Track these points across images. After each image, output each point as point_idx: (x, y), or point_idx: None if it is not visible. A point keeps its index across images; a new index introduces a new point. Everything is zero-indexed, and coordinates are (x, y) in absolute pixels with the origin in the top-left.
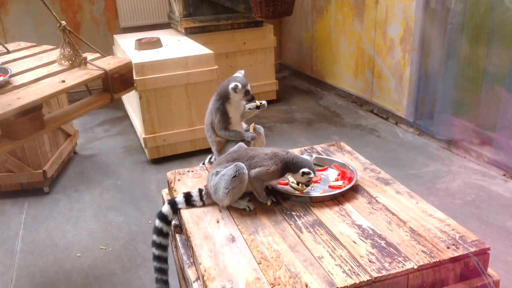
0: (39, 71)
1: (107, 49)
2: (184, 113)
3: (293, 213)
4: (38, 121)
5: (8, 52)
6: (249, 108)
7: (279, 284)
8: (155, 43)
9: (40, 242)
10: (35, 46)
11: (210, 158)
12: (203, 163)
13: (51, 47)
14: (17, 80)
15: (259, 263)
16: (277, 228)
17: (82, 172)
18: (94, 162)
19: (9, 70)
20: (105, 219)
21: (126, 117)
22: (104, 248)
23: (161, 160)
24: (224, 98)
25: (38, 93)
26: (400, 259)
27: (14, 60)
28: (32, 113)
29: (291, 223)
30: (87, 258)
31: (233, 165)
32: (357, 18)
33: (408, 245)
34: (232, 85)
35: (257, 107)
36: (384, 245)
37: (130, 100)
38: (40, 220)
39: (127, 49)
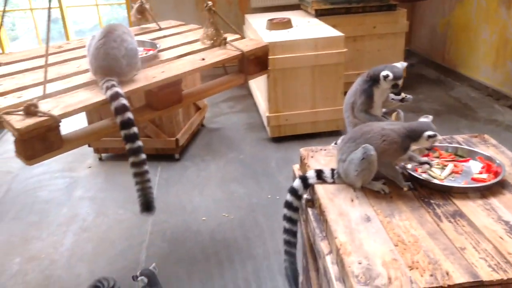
0: (183, 48)
1: (238, 28)
2: (308, 94)
3: (432, 201)
4: (177, 94)
5: (160, 29)
6: (393, 99)
7: (417, 268)
8: (286, 24)
9: (171, 203)
10: (183, 24)
11: (342, 139)
12: (335, 143)
13: (196, 26)
14: (164, 55)
15: (395, 245)
16: (414, 213)
17: (209, 143)
18: (219, 135)
19: (157, 46)
20: (228, 189)
21: (249, 95)
22: (226, 215)
23: (281, 139)
24: (373, 81)
25: (180, 68)
26: None
27: (164, 36)
28: (172, 87)
29: (429, 210)
30: (211, 222)
31: (361, 147)
32: (504, 5)
33: None
34: (384, 72)
35: (401, 100)
36: None
37: (256, 79)
38: (171, 183)
39: (258, 28)
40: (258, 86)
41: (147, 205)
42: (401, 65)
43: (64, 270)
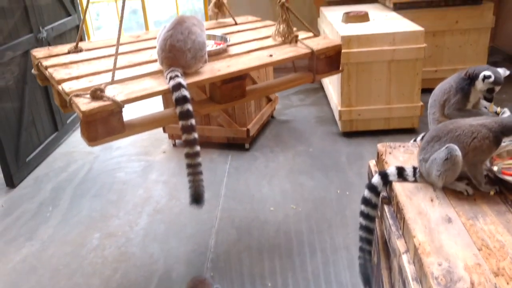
0: (253, 44)
1: (311, 21)
2: (383, 90)
3: None
4: (240, 89)
5: (236, 24)
6: (485, 107)
7: (503, 275)
8: (363, 17)
9: (240, 191)
10: (259, 20)
11: (423, 136)
12: (415, 140)
13: (272, 22)
14: (233, 50)
15: (479, 249)
16: (500, 218)
17: (278, 135)
18: (289, 127)
19: (228, 40)
20: (296, 181)
21: (320, 89)
22: (294, 207)
23: (352, 134)
24: (472, 80)
25: (246, 63)
26: None
27: (238, 31)
28: (237, 81)
29: None
30: (279, 213)
31: (445, 147)
32: None
33: None
34: (487, 72)
35: (496, 112)
36: None
37: None
38: (241, 172)
39: (334, 21)
40: (331, 79)
41: (196, 197)
42: (503, 71)
43: (139, 248)
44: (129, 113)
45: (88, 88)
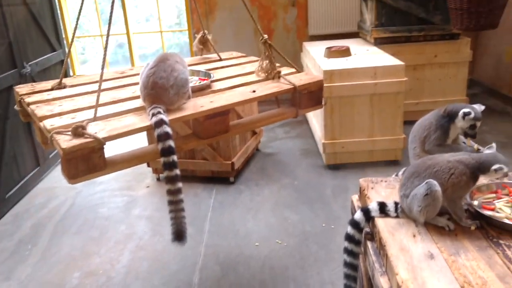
0: (237, 80)
1: (294, 55)
2: (366, 122)
3: (501, 241)
4: (223, 125)
5: (220, 59)
6: (464, 142)
7: None
8: (345, 52)
9: (225, 226)
10: (244, 56)
11: (404, 171)
12: (396, 174)
13: (256, 58)
14: (216, 86)
15: (462, 287)
16: (481, 254)
17: (263, 168)
18: (274, 160)
19: (211, 76)
20: (281, 215)
21: (304, 121)
22: (279, 242)
23: (337, 167)
24: (451, 117)
25: (229, 99)
26: None
27: (222, 67)
28: (219, 117)
29: (499, 251)
30: (264, 248)
31: (424, 183)
32: None
33: None
34: (466, 109)
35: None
36: None
37: None
38: (226, 206)
39: (316, 56)
40: (315, 112)
41: (178, 235)
42: (479, 107)
43: (120, 287)
44: (113, 148)
45: (70, 125)
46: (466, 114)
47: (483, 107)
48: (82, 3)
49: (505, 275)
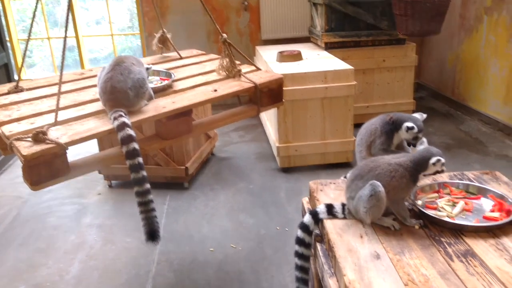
0: (198, 79)
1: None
2: (318, 126)
3: (443, 239)
4: (186, 125)
5: (181, 58)
6: (408, 145)
7: None
8: (296, 56)
9: (179, 232)
10: (204, 54)
11: None
12: (345, 177)
13: (216, 56)
14: (178, 85)
15: (405, 285)
16: (424, 252)
17: (218, 172)
18: (229, 164)
19: (172, 75)
20: (236, 219)
21: (259, 125)
22: (234, 246)
23: (291, 170)
24: (396, 126)
25: (191, 99)
26: None
27: (183, 66)
28: (182, 117)
29: (440, 249)
30: (219, 253)
31: (368, 184)
32: None
33: None
34: (409, 124)
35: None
36: None
37: None
38: (180, 212)
39: (268, 60)
40: (269, 116)
41: (152, 234)
42: (421, 116)
43: None
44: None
45: (30, 131)
46: (409, 128)
47: (424, 116)
48: (36, 5)
49: (446, 271)
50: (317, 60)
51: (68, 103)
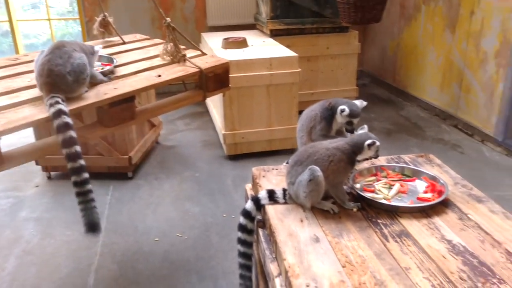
0: (141, 64)
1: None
2: (264, 113)
3: (379, 221)
4: (129, 112)
5: (124, 43)
6: (348, 131)
7: None
8: (241, 43)
9: (123, 223)
10: (148, 39)
11: None
12: (287, 163)
13: (160, 41)
14: (120, 71)
15: (343, 266)
16: (362, 234)
17: (163, 161)
18: (175, 153)
19: (114, 61)
20: (182, 208)
21: (206, 112)
22: (180, 235)
23: (238, 157)
24: (334, 111)
25: (134, 85)
26: (494, 280)
27: (126, 51)
28: (125, 103)
29: (377, 230)
30: (164, 243)
31: (307, 169)
32: (449, 29)
33: (503, 267)
34: (342, 107)
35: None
36: (477, 264)
37: (213, 97)
38: (123, 202)
39: (214, 47)
40: (215, 103)
41: (91, 225)
42: (360, 103)
43: None
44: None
45: None
46: (342, 111)
47: (365, 103)
48: None
49: (381, 252)
50: (262, 47)
51: (0, 90)
